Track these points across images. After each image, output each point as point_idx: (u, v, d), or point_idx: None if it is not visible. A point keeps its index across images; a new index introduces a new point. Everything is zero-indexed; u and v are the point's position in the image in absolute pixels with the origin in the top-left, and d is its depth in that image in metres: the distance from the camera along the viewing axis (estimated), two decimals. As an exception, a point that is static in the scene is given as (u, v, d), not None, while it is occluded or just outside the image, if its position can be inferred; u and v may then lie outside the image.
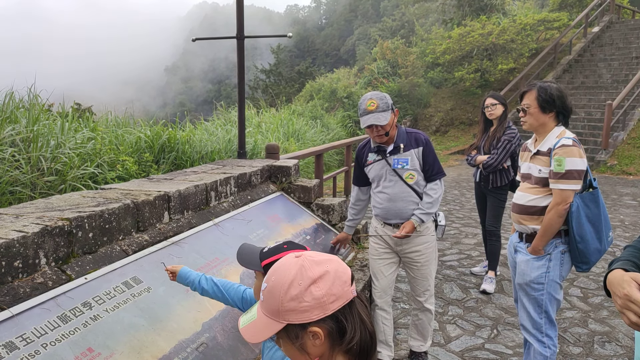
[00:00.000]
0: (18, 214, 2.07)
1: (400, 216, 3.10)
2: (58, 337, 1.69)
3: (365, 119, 2.95)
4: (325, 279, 1.14)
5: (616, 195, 8.82)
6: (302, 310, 1.13)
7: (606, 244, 2.68)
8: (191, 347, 2.00)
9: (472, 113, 16.10)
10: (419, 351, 3.44)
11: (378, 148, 3.13)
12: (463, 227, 6.86)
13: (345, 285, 1.15)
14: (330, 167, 11.35)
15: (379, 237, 3.24)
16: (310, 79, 22.13)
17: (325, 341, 1.14)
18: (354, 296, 1.17)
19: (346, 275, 1.17)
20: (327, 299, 1.13)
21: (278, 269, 1.19)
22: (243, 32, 4.43)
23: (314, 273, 1.15)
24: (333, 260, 1.19)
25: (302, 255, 1.20)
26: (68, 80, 54.00)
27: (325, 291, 1.13)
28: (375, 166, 3.14)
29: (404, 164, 3.08)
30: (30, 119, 4.46)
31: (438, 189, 3.13)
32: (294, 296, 1.13)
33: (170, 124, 6.75)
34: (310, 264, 1.16)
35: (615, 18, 17.74)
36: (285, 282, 1.15)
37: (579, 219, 2.58)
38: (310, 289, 1.13)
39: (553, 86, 2.68)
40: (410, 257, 3.21)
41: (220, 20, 78.59)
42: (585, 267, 2.67)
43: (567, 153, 2.56)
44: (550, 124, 2.71)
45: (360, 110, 2.99)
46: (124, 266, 2.14)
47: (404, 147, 3.09)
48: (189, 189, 2.77)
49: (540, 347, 2.73)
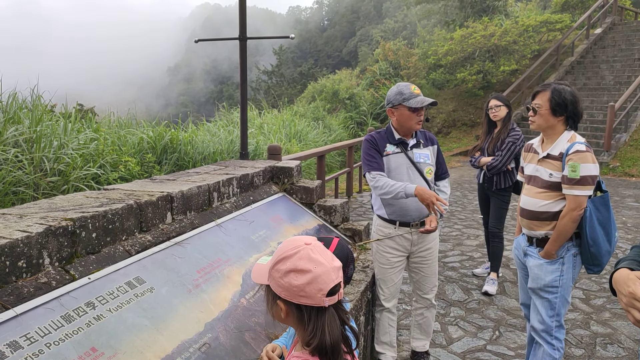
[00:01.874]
0: (22, 214, 2.08)
1: (421, 212, 3.03)
2: (62, 336, 1.70)
3: (420, 99, 2.91)
4: (305, 276, 1.26)
5: (619, 197, 8.80)
6: (278, 284, 1.29)
7: (613, 246, 2.69)
8: (194, 347, 2.00)
9: (474, 114, 16.10)
10: (422, 351, 3.44)
11: (400, 141, 3.07)
12: (465, 228, 6.85)
13: (319, 292, 1.26)
14: (332, 168, 11.36)
15: (389, 246, 3.14)
16: (312, 80, 22.16)
17: (289, 319, 1.32)
18: (325, 306, 1.28)
19: (326, 285, 1.27)
20: (297, 291, 1.26)
21: (288, 240, 1.36)
22: (246, 33, 4.44)
23: (301, 265, 1.27)
24: (325, 266, 1.28)
25: (310, 244, 1.32)
26: (70, 80, 54.13)
27: (298, 285, 1.26)
28: (393, 158, 3.05)
29: (425, 158, 3.09)
30: (33, 119, 4.48)
31: (448, 187, 3.26)
32: (278, 269, 1.29)
33: (173, 124, 6.77)
34: (305, 255, 1.28)
35: (617, 19, 17.72)
36: (281, 255, 1.30)
37: (592, 223, 2.59)
38: (290, 274, 1.27)
39: (567, 90, 2.64)
40: (422, 256, 3.18)
41: (222, 21, 78.69)
42: (597, 269, 2.68)
43: (582, 159, 2.55)
44: (559, 127, 2.69)
45: (405, 94, 2.92)
46: (127, 266, 2.14)
47: (423, 143, 3.13)
48: (191, 189, 2.77)
49: (549, 349, 2.74)
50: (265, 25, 74.65)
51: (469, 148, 8.31)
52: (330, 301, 1.28)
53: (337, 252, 1.79)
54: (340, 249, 1.85)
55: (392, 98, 2.99)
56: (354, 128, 15.46)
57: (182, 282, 2.28)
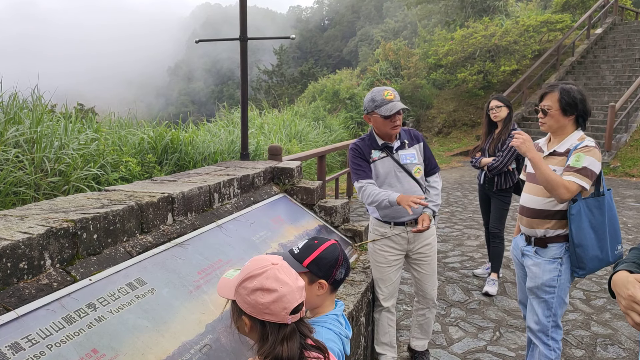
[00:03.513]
0: (23, 216, 2.08)
1: (414, 211, 3.03)
2: (63, 338, 1.70)
3: (390, 107, 2.87)
4: (271, 295, 1.33)
5: (619, 197, 8.80)
6: (245, 300, 1.36)
7: (610, 255, 2.61)
8: (195, 348, 2.00)
9: (474, 114, 16.10)
10: (422, 350, 3.45)
11: (384, 145, 3.09)
12: (465, 229, 6.85)
13: (284, 311, 1.34)
14: (332, 168, 11.35)
15: (386, 244, 3.16)
16: (313, 80, 22.15)
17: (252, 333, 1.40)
18: (288, 322, 1.36)
19: (290, 304, 1.34)
20: (262, 309, 1.34)
21: (255, 259, 1.43)
22: (246, 33, 4.44)
23: (268, 285, 1.34)
24: (290, 286, 1.36)
25: (277, 264, 1.39)
26: (70, 79, 54.12)
27: (264, 303, 1.33)
28: (380, 163, 3.09)
29: (412, 158, 3.10)
30: (34, 120, 4.48)
31: (439, 181, 3.24)
32: (245, 287, 1.36)
33: (173, 124, 6.77)
34: (272, 275, 1.35)
35: (618, 20, 17.71)
36: (248, 273, 1.37)
37: (579, 224, 2.55)
38: (257, 292, 1.34)
39: (575, 89, 2.63)
40: (422, 252, 3.19)
41: (222, 21, 78.69)
42: (582, 272, 2.64)
43: (589, 152, 2.55)
44: (570, 127, 2.68)
45: (377, 101, 2.91)
46: (128, 267, 2.14)
47: (408, 142, 3.13)
48: (192, 190, 2.77)
49: (545, 350, 2.73)
50: (265, 25, 74.67)
51: (470, 148, 8.31)
52: (293, 319, 1.36)
53: (326, 252, 1.79)
54: (331, 251, 1.81)
55: (366, 105, 3.00)
56: (355, 128, 15.45)
57: (183, 283, 2.28)
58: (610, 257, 2.62)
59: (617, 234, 2.65)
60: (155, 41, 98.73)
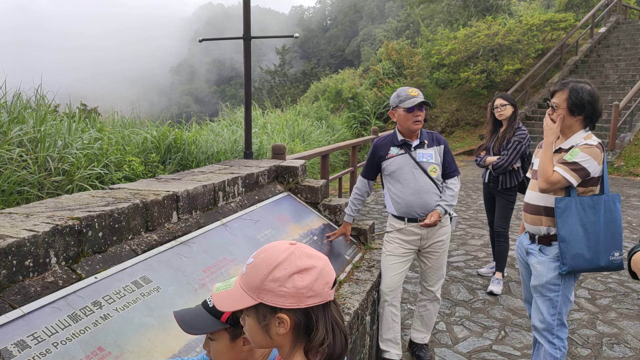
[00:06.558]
0: (28, 214, 2.07)
1: (426, 208, 3.21)
2: (69, 336, 1.69)
3: (414, 100, 3.12)
4: (310, 273, 1.17)
5: (623, 196, 8.76)
6: (279, 294, 1.15)
7: (601, 259, 2.54)
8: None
9: (477, 114, 16.06)
10: (422, 343, 3.46)
11: (403, 142, 3.25)
12: (469, 228, 6.84)
13: (327, 286, 1.18)
14: (335, 167, 11.34)
15: (399, 237, 3.28)
16: (315, 80, 22.14)
17: (289, 332, 1.17)
18: (332, 298, 1.20)
19: (330, 277, 1.20)
20: (305, 292, 1.16)
21: (269, 248, 1.23)
22: (250, 32, 4.43)
23: (302, 263, 1.17)
24: (323, 259, 1.22)
25: (296, 244, 1.23)
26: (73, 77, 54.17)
27: (307, 284, 1.16)
28: (397, 159, 3.24)
29: (428, 157, 3.26)
30: (38, 119, 4.48)
31: (457, 184, 3.38)
32: (276, 278, 1.16)
33: (176, 124, 6.77)
34: (301, 254, 1.19)
35: (622, 18, 17.64)
36: (273, 263, 1.18)
37: (566, 218, 2.53)
38: (293, 277, 1.16)
39: (586, 89, 2.59)
40: (433, 248, 3.31)
41: (225, 21, 78.76)
42: (564, 268, 2.58)
43: (586, 150, 2.53)
44: (577, 126, 2.66)
45: (402, 97, 3.15)
46: (133, 265, 2.14)
47: (427, 143, 3.29)
48: (197, 189, 2.77)
49: (550, 349, 2.72)
50: (267, 25, 74.70)
51: (473, 147, 8.29)
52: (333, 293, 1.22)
53: None
54: None
55: (392, 101, 3.25)
56: (357, 127, 15.43)
57: (188, 281, 2.27)
58: (601, 261, 2.55)
59: (617, 239, 2.57)
60: (158, 41, 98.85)
